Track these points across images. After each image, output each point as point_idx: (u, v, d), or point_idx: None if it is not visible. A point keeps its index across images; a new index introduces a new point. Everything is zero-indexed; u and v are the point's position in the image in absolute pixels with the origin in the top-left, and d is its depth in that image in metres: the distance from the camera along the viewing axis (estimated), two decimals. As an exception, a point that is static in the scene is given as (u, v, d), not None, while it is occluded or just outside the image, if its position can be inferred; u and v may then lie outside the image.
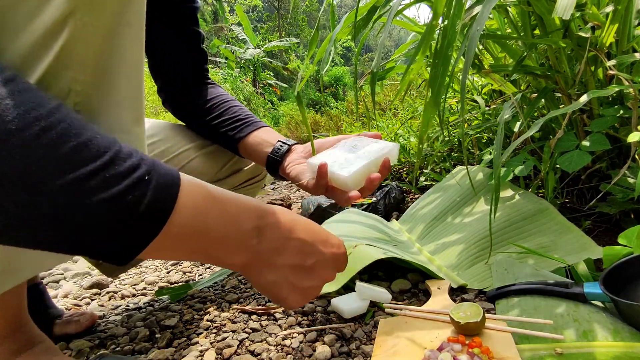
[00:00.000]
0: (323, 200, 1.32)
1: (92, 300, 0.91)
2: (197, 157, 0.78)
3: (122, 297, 0.92)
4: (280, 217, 0.42)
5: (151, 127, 0.77)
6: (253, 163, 0.84)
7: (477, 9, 0.61)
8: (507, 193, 0.88)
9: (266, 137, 0.75)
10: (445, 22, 0.52)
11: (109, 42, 0.35)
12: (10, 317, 0.49)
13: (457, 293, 0.71)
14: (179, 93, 0.80)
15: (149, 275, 1.06)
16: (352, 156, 0.61)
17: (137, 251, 0.32)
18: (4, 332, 0.48)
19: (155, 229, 0.32)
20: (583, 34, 0.68)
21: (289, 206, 1.71)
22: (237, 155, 0.81)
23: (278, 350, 0.59)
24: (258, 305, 0.75)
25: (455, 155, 1.44)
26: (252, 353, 0.59)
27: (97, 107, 0.36)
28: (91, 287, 0.97)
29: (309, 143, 0.71)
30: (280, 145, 0.72)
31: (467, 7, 0.65)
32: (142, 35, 0.39)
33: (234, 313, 0.74)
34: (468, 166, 0.83)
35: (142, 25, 0.38)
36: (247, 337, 0.64)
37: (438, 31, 0.65)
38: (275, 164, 0.72)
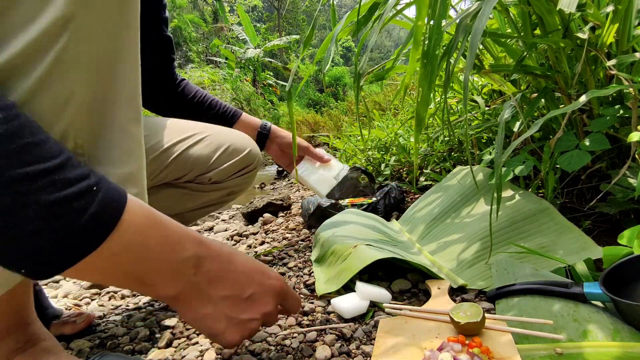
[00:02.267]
0: (323, 201, 1.32)
1: (92, 300, 0.91)
2: (189, 147, 0.82)
3: (122, 297, 0.92)
4: (219, 248, 0.41)
5: None
6: (245, 152, 0.90)
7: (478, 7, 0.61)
8: (507, 193, 0.88)
9: (253, 118, 1.04)
10: (431, 23, 0.52)
11: (109, 43, 0.35)
12: (11, 316, 0.48)
13: (457, 293, 0.71)
14: (158, 88, 0.92)
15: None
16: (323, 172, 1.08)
17: (69, 264, 0.30)
18: (4, 331, 0.48)
19: (95, 241, 0.30)
20: (581, 36, 0.68)
21: (289, 206, 1.71)
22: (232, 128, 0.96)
23: (278, 350, 0.59)
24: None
25: (455, 155, 1.44)
26: (252, 353, 0.59)
27: (95, 106, 0.36)
28: (91, 287, 0.97)
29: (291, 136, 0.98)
30: (264, 124, 1.04)
31: (467, 6, 0.65)
32: (138, 36, 0.39)
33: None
34: (467, 166, 0.83)
35: (138, 26, 0.39)
36: (247, 337, 0.64)
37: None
38: (263, 137, 1.02)
